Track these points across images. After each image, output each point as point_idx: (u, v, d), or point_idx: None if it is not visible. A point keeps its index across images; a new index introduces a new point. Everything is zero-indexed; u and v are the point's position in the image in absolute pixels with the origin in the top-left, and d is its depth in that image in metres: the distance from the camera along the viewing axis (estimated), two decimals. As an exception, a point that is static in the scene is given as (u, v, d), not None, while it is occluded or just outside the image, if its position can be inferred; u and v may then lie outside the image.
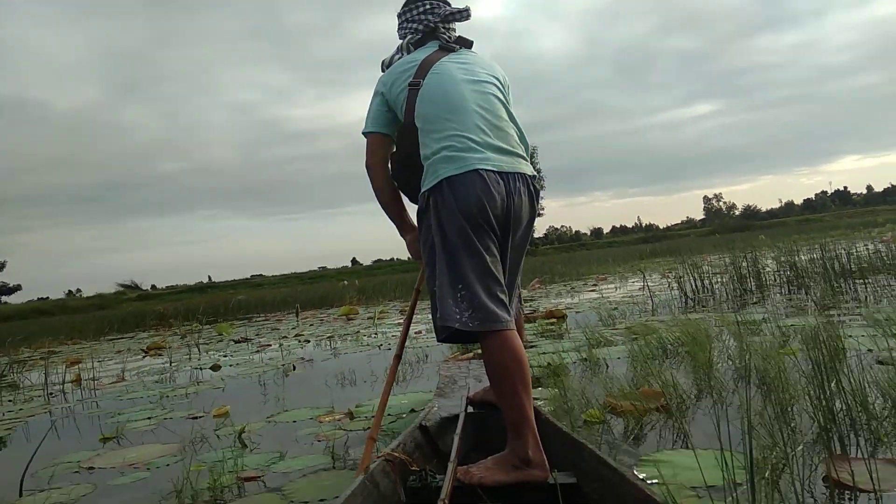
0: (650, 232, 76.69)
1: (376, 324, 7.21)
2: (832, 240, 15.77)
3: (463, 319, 1.60)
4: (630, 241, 52.15)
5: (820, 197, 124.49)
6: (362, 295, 14.77)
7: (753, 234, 26.50)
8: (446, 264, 1.66)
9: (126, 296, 49.69)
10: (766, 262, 7.83)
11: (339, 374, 4.09)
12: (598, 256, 19.33)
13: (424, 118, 1.78)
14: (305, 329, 8.42)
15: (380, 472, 1.51)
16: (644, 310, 5.82)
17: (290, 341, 6.91)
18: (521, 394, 1.57)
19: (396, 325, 7.39)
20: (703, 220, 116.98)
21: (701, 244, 21.31)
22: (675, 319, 4.81)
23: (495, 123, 1.77)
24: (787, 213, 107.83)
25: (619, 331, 4.50)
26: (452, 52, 1.91)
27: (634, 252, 21.53)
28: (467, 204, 1.63)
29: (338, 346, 5.86)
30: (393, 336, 6.16)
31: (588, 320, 5.42)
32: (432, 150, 1.72)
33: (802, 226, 36.36)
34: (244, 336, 8.10)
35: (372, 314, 9.61)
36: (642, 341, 3.58)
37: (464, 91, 1.78)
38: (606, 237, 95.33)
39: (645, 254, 19.69)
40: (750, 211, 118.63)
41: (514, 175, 1.73)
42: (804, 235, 19.59)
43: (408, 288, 14.83)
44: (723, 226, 46.30)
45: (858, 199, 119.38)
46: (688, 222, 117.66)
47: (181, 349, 7.45)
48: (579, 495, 1.49)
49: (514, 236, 1.78)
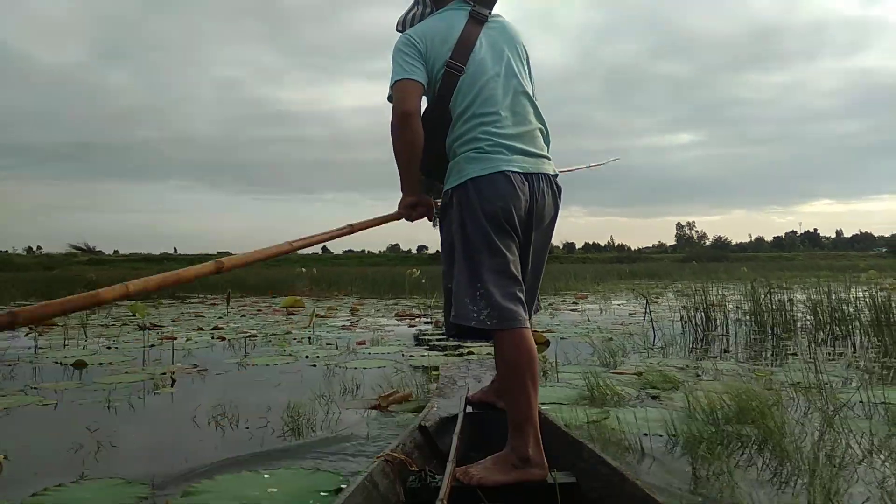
0: (623, 252, 76.51)
1: (314, 324, 5.85)
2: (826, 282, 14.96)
3: (480, 318, 1.59)
4: (604, 259, 51.49)
5: (790, 236, 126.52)
6: (316, 285, 13.36)
7: (732, 266, 25.80)
8: (466, 263, 1.65)
9: (77, 258, 47.34)
10: (782, 300, 6.66)
11: (221, 405, 2.75)
12: (574, 271, 18.19)
13: (458, 109, 1.72)
14: (233, 320, 7.03)
15: (379, 473, 1.49)
16: (646, 345, 4.61)
17: (204, 335, 5.54)
18: (530, 392, 1.56)
19: (340, 328, 6.07)
20: (674, 245, 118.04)
21: (681, 270, 20.34)
22: (695, 367, 3.61)
23: (523, 123, 1.74)
24: (756, 248, 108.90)
25: (629, 377, 3.27)
26: (484, 24, 1.79)
27: (612, 271, 20.40)
28: (492, 206, 1.62)
29: (252, 351, 4.51)
30: (328, 345, 4.84)
31: (578, 352, 4.19)
32: (459, 144, 1.71)
33: (776, 262, 35.91)
34: (154, 322, 6.68)
35: (319, 309, 8.25)
36: (673, 400, 2.41)
37: (498, 91, 1.73)
38: (578, 252, 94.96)
39: (624, 274, 18.62)
40: (721, 242, 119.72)
41: (539, 176, 1.71)
42: (792, 273, 18.83)
43: (370, 285, 13.47)
44: (698, 254, 45.88)
45: (827, 242, 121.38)
46: (659, 246, 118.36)
47: (74, 328, 6.00)
48: (579, 495, 1.48)
49: (536, 235, 1.75)
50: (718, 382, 3.05)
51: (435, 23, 1.78)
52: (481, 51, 1.75)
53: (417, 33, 1.77)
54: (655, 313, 7.31)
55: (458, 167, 1.69)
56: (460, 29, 1.75)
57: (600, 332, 5.46)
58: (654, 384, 3.03)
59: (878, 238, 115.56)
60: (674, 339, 4.88)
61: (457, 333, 1.73)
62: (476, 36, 1.76)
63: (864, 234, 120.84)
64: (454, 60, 1.71)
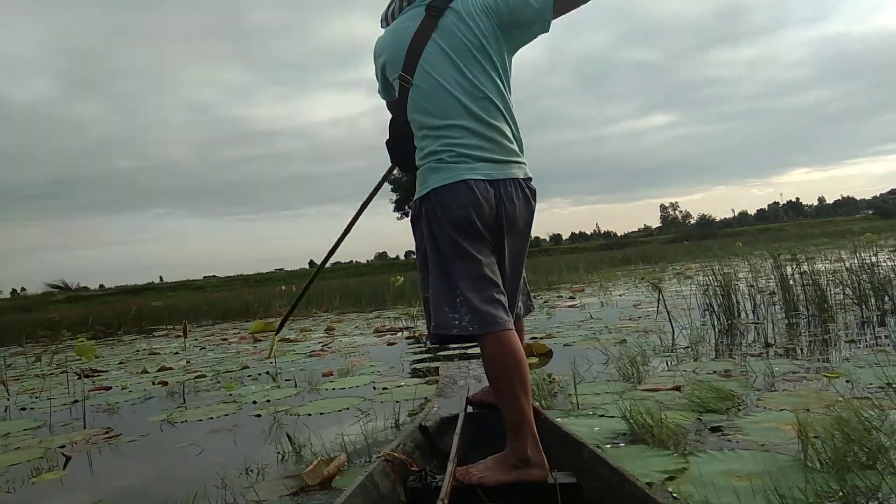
0: (611, 238, 76.11)
1: (279, 352, 4.98)
2: (828, 249, 14.30)
3: (462, 324, 1.59)
4: (592, 247, 50.94)
5: (773, 207, 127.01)
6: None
7: (725, 242, 25.16)
8: (440, 272, 1.65)
9: (54, 297, 46.05)
10: (805, 273, 5.91)
11: (107, 501, 1.93)
12: (565, 263, 17.43)
13: (415, 122, 1.73)
14: (190, 355, 6.18)
15: (380, 473, 1.49)
16: (668, 345, 3.83)
17: (146, 379, 4.69)
18: (520, 394, 1.55)
19: (309, 354, 5.24)
20: (660, 227, 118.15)
21: (675, 251, 19.67)
22: (743, 370, 2.83)
23: (487, 129, 1.67)
24: (740, 222, 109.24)
25: (668, 395, 2.47)
26: (440, 16, 1.70)
27: (604, 258, 19.66)
28: (455, 214, 1.62)
29: (193, 399, 3.68)
30: (287, 381, 4.01)
31: (588, 362, 3.40)
32: (423, 157, 1.72)
33: (767, 234, 35.46)
34: (96, 367, 5.81)
35: (291, 332, 7.40)
36: (745, 432, 1.80)
37: (455, 99, 1.66)
38: (565, 244, 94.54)
39: (617, 260, 17.90)
40: (705, 220, 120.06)
41: (506, 182, 1.68)
42: (789, 243, 18.20)
43: (351, 297, 12.62)
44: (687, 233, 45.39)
45: (810, 210, 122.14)
46: (645, 230, 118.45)
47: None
48: (579, 495, 1.47)
49: (511, 240, 1.73)
50: (792, 395, 2.28)
51: (395, 27, 1.78)
52: (433, 57, 1.69)
53: (378, 46, 1.82)
54: (670, 302, 6.57)
55: (423, 178, 1.71)
56: (411, 35, 1.71)
57: (608, 331, 4.68)
58: (707, 404, 2.24)
59: (861, 201, 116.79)
60: (697, 333, 4.11)
61: (439, 342, 1.71)
62: (427, 38, 1.70)
63: (846, 199, 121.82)
64: (404, 73, 1.71)
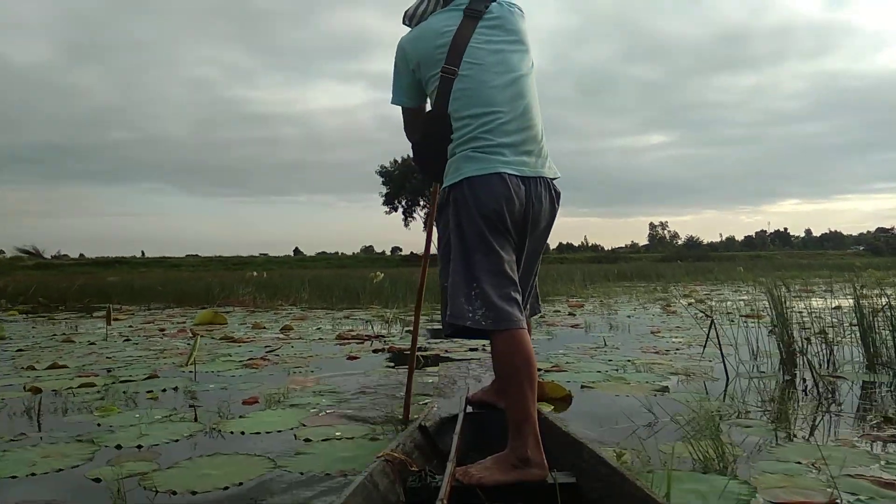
0: (598, 252, 75.28)
1: (194, 360, 3.76)
2: (842, 282, 13.33)
3: (476, 318, 1.58)
4: (581, 259, 49.94)
5: (760, 235, 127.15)
6: (260, 294, 11.27)
7: (723, 265, 24.19)
8: (462, 262, 1.63)
9: (23, 262, 44.37)
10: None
11: None
12: (557, 273, 16.32)
13: (457, 114, 1.69)
14: (108, 348, 4.97)
15: (379, 473, 1.47)
16: (737, 406, 2.73)
17: (21, 378, 3.50)
18: (527, 392, 1.54)
19: (245, 362, 4.08)
20: (647, 245, 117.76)
21: (673, 270, 18.65)
22: (887, 461, 1.73)
23: (524, 124, 1.70)
24: (727, 247, 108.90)
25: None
26: (480, 18, 1.73)
27: (597, 272, 18.47)
28: (486, 206, 1.61)
29: (45, 427, 2.51)
30: (193, 405, 2.85)
31: (628, 418, 2.29)
32: (459, 145, 1.68)
33: (760, 261, 34.63)
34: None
35: (244, 329, 6.22)
36: None
37: (496, 93, 1.68)
38: (553, 253, 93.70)
39: (612, 275, 16.79)
40: (693, 241, 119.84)
41: (537, 179, 1.69)
42: (791, 272, 17.25)
43: (323, 290, 11.41)
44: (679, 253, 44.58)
45: (797, 241, 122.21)
46: (632, 246, 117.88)
47: None
48: (579, 495, 1.47)
49: (531, 239, 1.73)
50: None
51: (430, 26, 1.77)
52: (477, 51, 1.70)
53: (410, 44, 1.78)
54: (684, 327, 5.48)
55: (456, 165, 1.68)
56: (454, 31, 1.71)
57: (634, 368, 3.57)
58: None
59: (847, 237, 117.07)
60: (764, 385, 3.02)
61: (453, 333, 1.68)
62: (469, 35, 1.72)
63: (833, 233, 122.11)
64: (448, 65, 1.69)
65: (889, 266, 19.17)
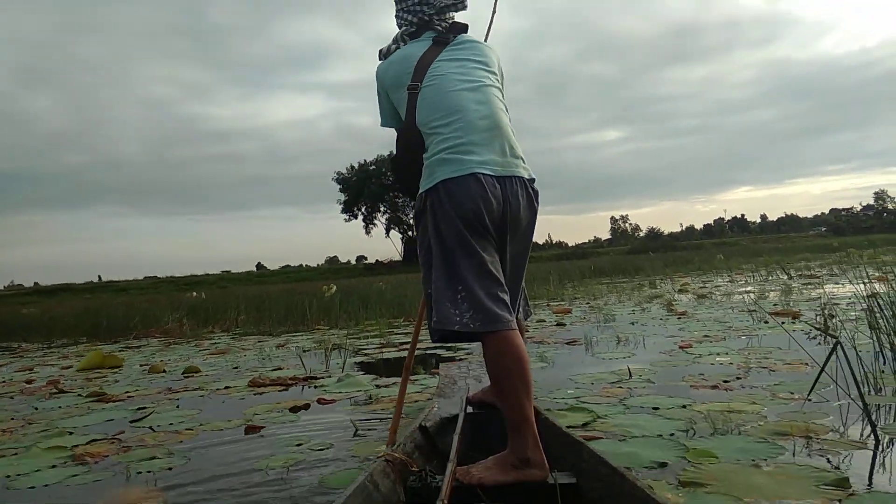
0: (563, 249, 74.70)
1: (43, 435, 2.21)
2: (833, 265, 12.37)
3: (464, 321, 1.57)
4: (548, 256, 49.05)
5: (718, 223, 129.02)
6: (193, 317, 9.64)
7: (697, 254, 23.29)
8: (444, 267, 1.64)
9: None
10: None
11: None
12: (529, 273, 15.06)
13: (424, 124, 1.74)
14: None
15: (380, 473, 1.48)
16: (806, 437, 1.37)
17: None
18: (522, 393, 1.54)
19: (69, 461, 2.59)
20: (610, 239, 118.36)
21: (650, 263, 17.53)
22: None
23: (494, 127, 1.72)
24: (687, 236, 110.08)
25: None
26: (447, 44, 1.84)
27: (572, 269, 17.16)
28: (464, 207, 1.61)
29: None
30: None
31: None
32: (432, 152, 1.70)
33: (727, 248, 34.13)
34: None
35: (138, 372, 4.67)
36: None
37: (462, 98, 1.72)
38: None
39: (588, 272, 15.59)
40: (654, 232, 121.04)
41: (512, 179, 1.69)
42: (774, 258, 16.34)
43: (263, 311, 9.83)
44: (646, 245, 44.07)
45: (754, 226, 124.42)
46: (595, 241, 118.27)
47: None
48: (579, 495, 1.46)
49: (512, 239, 1.74)
50: None
51: (401, 53, 1.85)
52: (441, 64, 1.76)
53: (383, 77, 1.86)
54: (714, 336, 4.11)
55: (430, 170, 1.69)
56: (419, 55, 1.79)
57: (703, 418, 2.19)
58: None
59: (804, 219, 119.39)
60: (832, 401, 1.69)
61: (441, 338, 1.68)
62: (435, 56, 1.78)
63: (790, 217, 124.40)
64: (413, 82, 1.76)
65: (861, 245, 18.59)
